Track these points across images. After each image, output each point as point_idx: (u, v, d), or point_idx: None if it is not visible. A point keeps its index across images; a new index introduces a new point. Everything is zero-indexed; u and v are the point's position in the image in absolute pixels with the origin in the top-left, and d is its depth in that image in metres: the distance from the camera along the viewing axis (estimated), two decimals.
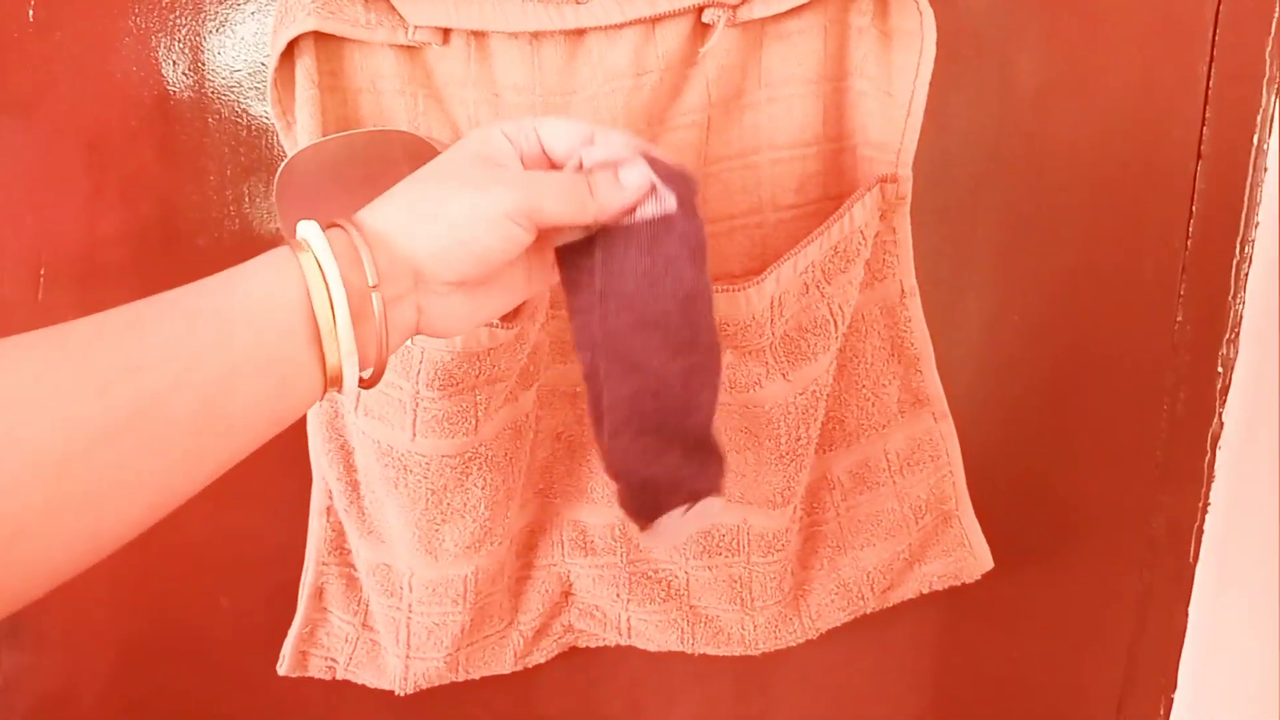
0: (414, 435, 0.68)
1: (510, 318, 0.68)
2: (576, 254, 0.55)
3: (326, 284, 0.47)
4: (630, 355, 0.53)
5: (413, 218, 0.50)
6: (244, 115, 0.75)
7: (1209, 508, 0.87)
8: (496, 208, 0.50)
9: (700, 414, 0.55)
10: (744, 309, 0.68)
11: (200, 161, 0.76)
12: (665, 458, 0.54)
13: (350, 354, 0.48)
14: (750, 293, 0.67)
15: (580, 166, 0.55)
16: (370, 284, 0.48)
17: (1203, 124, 0.80)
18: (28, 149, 0.75)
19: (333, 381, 0.49)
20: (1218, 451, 0.86)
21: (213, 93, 0.75)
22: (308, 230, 0.49)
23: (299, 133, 0.68)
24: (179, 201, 0.76)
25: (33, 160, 0.75)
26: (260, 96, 0.75)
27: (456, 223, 0.50)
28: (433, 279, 0.50)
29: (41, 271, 0.77)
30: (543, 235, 0.53)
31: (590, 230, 0.55)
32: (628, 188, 0.54)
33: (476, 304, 0.53)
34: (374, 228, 0.50)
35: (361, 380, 0.50)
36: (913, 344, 0.76)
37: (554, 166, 0.55)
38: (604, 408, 0.54)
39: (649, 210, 0.54)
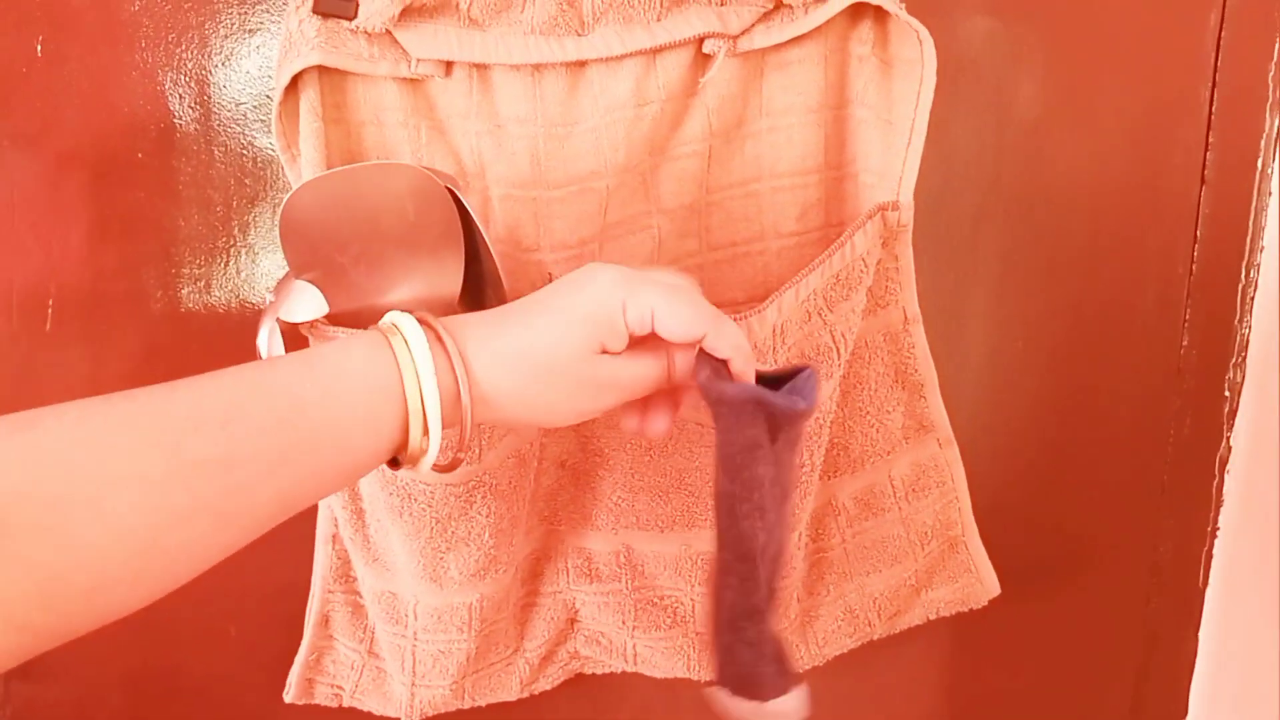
0: None
1: None
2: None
3: (426, 420, 0.51)
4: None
5: (517, 403, 0.54)
6: (249, 147, 0.76)
7: (1218, 532, 0.87)
8: (594, 410, 0.56)
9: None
10: (746, 337, 0.68)
11: (206, 193, 0.76)
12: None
13: (425, 470, 0.53)
14: (752, 321, 0.68)
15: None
16: (459, 455, 0.53)
17: (1206, 148, 0.80)
18: (35, 181, 0.75)
19: (394, 468, 0.54)
20: (1225, 476, 0.86)
21: (218, 125, 0.76)
22: (421, 361, 0.52)
23: (303, 165, 0.69)
24: (185, 232, 0.77)
25: (40, 192, 0.76)
26: (265, 128, 0.76)
27: (549, 404, 0.55)
28: (511, 420, 0.56)
29: (50, 302, 0.77)
30: None
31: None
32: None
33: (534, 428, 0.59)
34: (483, 389, 0.53)
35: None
36: (916, 370, 0.76)
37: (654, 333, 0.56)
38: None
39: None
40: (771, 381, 0.57)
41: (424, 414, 0.51)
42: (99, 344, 0.78)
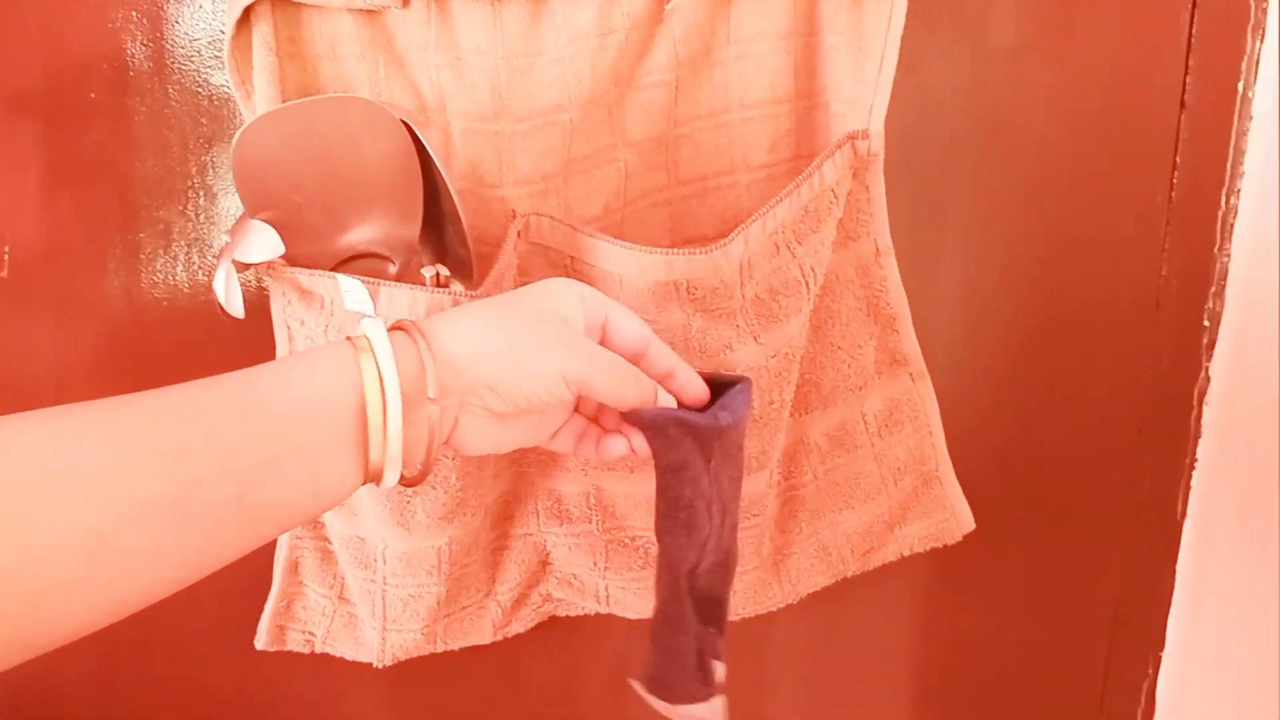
0: None
1: (474, 284, 0.67)
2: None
3: (384, 391, 0.50)
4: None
5: (480, 348, 0.53)
6: (205, 85, 0.74)
7: (1196, 464, 0.86)
8: (558, 367, 0.53)
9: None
10: (712, 272, 0.67)
11: (162, 134, 0.75)
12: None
13: (395, 460, 0.50)
14: (717, 255, 0.66)
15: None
16: (430, 396, 0.51)
17: (1185, 72, 0.79)
18: None
19: (372, 478, 0.51)
20: (1204, 407, 0.85)
21: (172, 63, 0.74)
22: (373, 332, 0.51)
23: (258, 102, 0.67)
24: (141, 174, 0.75)
25: None
26: (221, 65, 0.74)
27: (520, 369, 0.53)
28: (478, 404, 0.53)
29: (6, 249, 0.76)
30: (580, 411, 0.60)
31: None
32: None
33: (504, 432, 0.56)
34: (442, 344, 0.52)
35: (405, 479, 0.52)
36: (889, 304, 0.75)
37: (603, 342, 0.58)
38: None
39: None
40: (714, 388, 0.60)
41: (380, 378, 0.49)
42: (58, 290, 0.77)
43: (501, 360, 0.53)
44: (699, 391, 0.60)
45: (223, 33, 0.73)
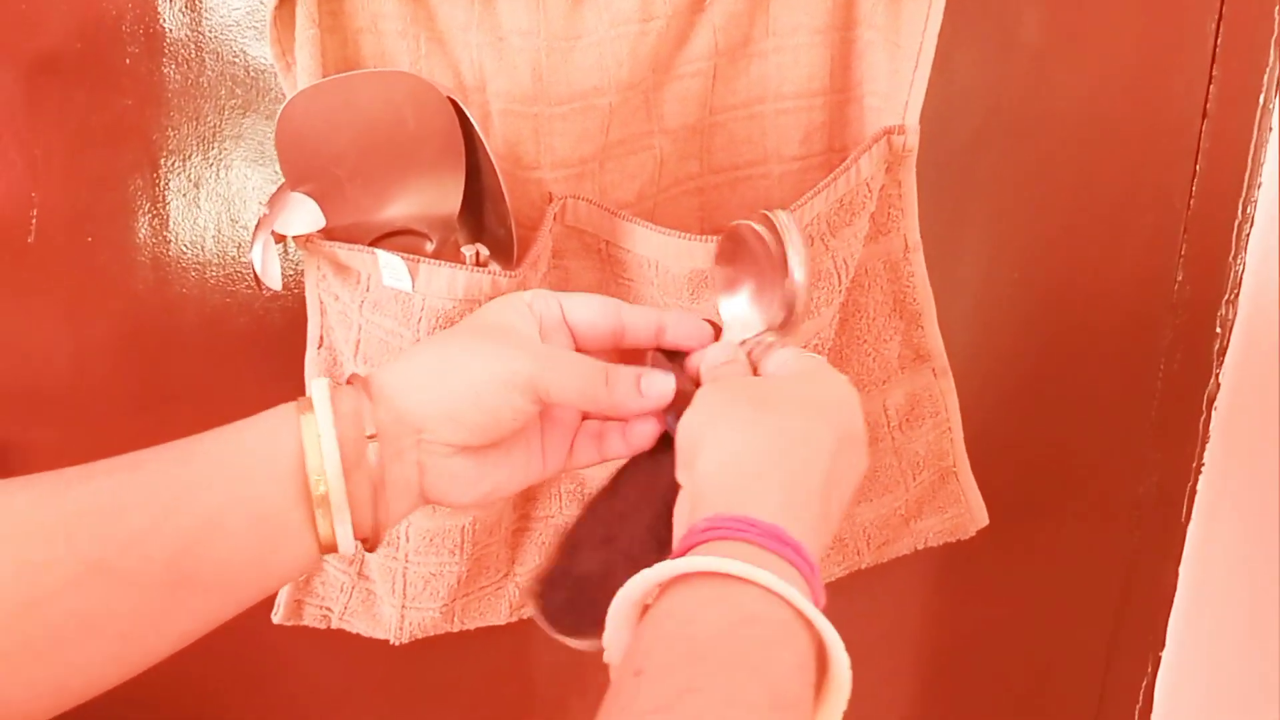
0: None
1: (513, 265, 0.67)
2: None
3: (320, 441, 0.47)
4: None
5: (421, 375, 0.51)
6: (242, 55, 0.74)
7: (1203, 468, 0.88)
8: (505, 374, 0.51)
9: None
10: None
11: (197, 102, 0.74)
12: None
13: (341, 508, 0.47)
14: None
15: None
16: (366, 434, 0.48)
17: (1209, 81, 0.80)
18: (17, 84, 0.73)
19: (326, 543, 0.48)
20: (1213, 412, 0.87)
21: (210, 31, 0.73)
22: (315, 386, 0.50)
23: (299, 74, 0.67)
24: (175, 143, 0.75)
25: (22, 96, 0.73)
26: (258, 36, 0.74)
27: (464, 383, 0.50)
28: (435, 439, 0.50)
29: (34, 213, 0.75)
30: (558, 420, 0.55)
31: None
32: (647, 395, 0.53)
33: (482, 472, 0.53)
34: (381, 384, 0.50)
35: (365, 541, 0.50)
36: (915, 299, 0.76)
37: (575, 337, 0.56)
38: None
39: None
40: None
41: (317, 425, 0.47)
42: (84, 258, 0.77)
43: (448, 380, 0.50)
44: (697, 331, 0.56)
45: (262, 4, 0.73)
